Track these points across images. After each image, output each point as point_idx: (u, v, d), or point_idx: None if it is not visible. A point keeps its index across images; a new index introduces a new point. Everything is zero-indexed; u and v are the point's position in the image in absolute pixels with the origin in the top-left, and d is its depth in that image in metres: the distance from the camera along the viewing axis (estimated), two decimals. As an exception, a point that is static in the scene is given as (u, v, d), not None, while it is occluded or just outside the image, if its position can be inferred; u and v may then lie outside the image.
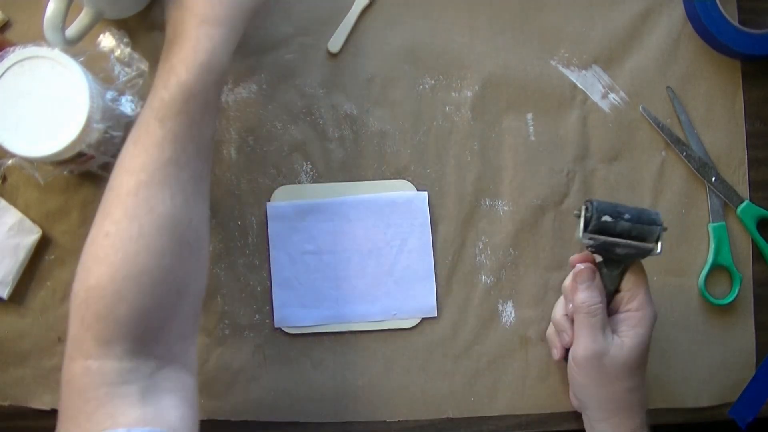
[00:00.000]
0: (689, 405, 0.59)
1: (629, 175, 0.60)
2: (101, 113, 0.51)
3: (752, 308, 0.60)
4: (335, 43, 0.60)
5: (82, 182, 0.59)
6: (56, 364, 0.58)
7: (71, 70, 0.50)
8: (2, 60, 0.49)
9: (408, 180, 0.60)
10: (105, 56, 0.56)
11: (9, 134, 0.49)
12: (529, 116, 0.60)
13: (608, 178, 0.60)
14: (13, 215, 0.57)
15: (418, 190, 0.60)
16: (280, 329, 0.59)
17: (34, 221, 0.58)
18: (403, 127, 0.60)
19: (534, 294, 0.59)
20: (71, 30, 0.55)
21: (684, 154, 0.60)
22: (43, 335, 0.58)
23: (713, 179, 0.60)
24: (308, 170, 0.60)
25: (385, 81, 0.60)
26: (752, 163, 0.61)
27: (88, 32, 0.56)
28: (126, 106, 0.54)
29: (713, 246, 0.59)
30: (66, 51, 0.50)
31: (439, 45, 0.61)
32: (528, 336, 0.59)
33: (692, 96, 0.61)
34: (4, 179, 0.59)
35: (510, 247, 0.60)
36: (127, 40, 0.57)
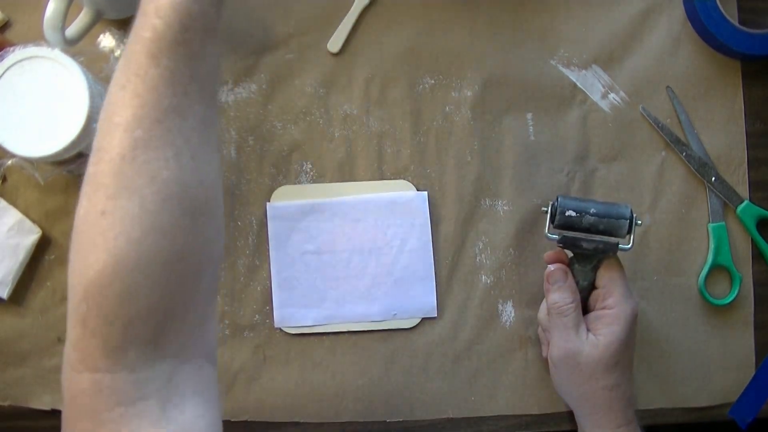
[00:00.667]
0: (689, 405, 0.59)
1: (629, 175, 0.60)
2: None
3: (752, 308, 0.60)
4: (335, 43, 0.60)
5: (82, 182, 0.59)
6: (56, 364, 0.58)
7: (71, 70, 0.50)
8: (2, 60, 0.49)
9: (408, 180, 0.60)
10: (105, 56, 0.56)
11: (9, 134, 0.49)
12: (529, 116, 0.60)
13: (608, 178, 0.60)
14: (13, 215, 0.57)
15: (418, 190, 0.60)
16: (280, 329, 0.59)
17: (34, 221, 0.58)
18: (403, 127, 0.60)
19: (534, 294, 0.59)
20: (71, 30, 0.55)
21: (684, 154, 0.60)
22: (43, 335, 0.58)
23: (713, 179, 0.60)
24: (308, 170, 0.60)
25: (385, 81, 0.60)
26: (752, 163, 0.61)
27: (88, 32, 0.56)
28: (126, 106, 0.54)
29: (713, 246, 0.59)
30: (66, 51, 0.50)
31: (439, 45, 0.61)
32: (528, 336, 0.59)
33: (692, 96, 0.61)
34: (4, 179, 0.59)
35: (510, 247, 0.60)
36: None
